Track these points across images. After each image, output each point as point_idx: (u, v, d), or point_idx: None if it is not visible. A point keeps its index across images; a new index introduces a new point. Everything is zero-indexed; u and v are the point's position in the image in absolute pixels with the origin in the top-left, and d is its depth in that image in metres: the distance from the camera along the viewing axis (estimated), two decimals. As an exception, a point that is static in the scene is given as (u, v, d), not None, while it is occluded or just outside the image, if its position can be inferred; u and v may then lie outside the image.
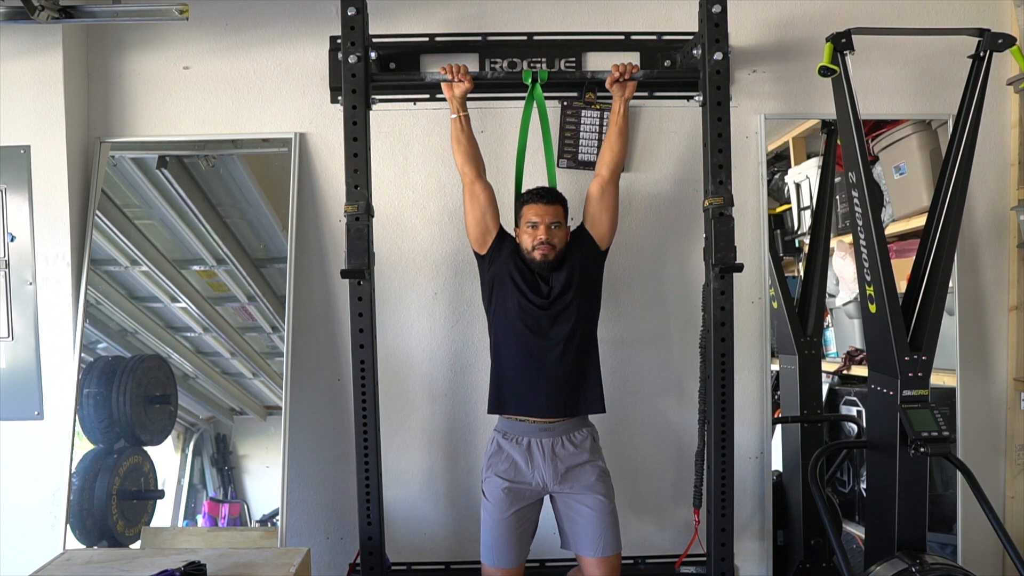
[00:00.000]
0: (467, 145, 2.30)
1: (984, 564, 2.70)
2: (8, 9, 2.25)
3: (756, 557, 2.73)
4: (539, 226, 2.23)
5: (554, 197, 2.30)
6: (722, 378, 2.31)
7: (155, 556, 2.22)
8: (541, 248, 2.22)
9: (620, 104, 2.31)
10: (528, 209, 2.27)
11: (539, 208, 2.25)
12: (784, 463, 2.80)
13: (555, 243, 2.24)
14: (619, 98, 2.31)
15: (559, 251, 2.25)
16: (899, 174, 2.81)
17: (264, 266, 2.64)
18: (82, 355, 2.54)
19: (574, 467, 2.21)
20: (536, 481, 2.21)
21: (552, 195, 2.30)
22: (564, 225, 2.29)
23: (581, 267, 2.27)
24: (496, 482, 2.21)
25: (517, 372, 2.22)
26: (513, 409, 2.24)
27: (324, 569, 2.69)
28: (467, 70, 2.27)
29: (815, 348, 2.75)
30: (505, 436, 2.25)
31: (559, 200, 2.30)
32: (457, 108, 2.29)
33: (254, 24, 2.67)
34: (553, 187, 2.39)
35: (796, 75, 2.67)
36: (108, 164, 2.65)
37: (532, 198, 2.28)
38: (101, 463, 2.51)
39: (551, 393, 2.20)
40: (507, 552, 2.20)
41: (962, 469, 2.15)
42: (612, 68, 2.29)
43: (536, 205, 2.26)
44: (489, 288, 2.30)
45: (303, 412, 2.66)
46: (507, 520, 2.19)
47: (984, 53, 2.17)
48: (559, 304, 2.23)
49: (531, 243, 2.24)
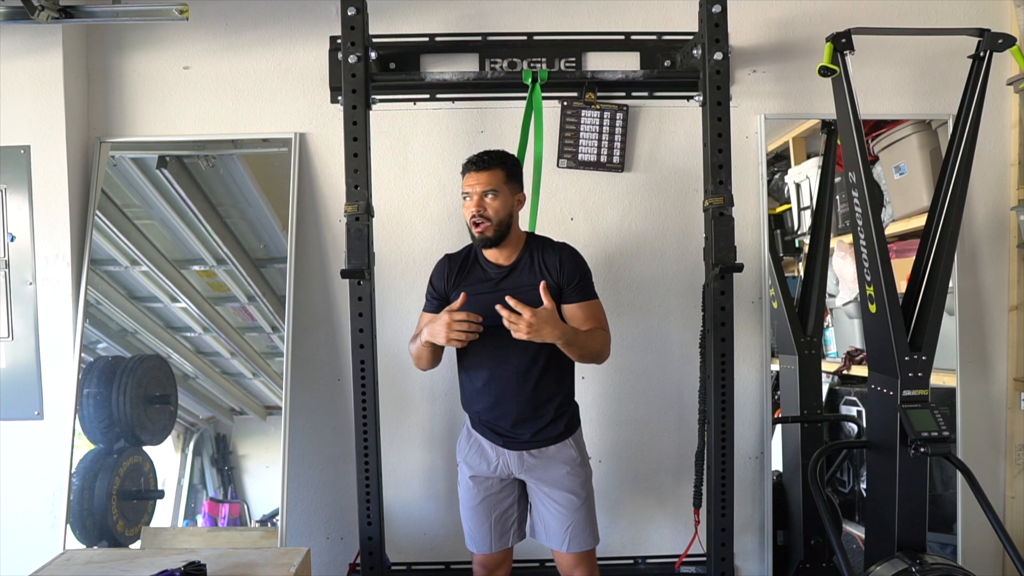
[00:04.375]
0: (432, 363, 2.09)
1: (984, 564, 2.70)
2: (8, 9, 2.25)
3: (756, 557, 2.73)
4: (472, 196, 1.98)
5: (488, 162, 1.99)
6: (722, 378, 2.31)
7: (155, 556, 2.22)
8: (476, 224, 1.97)
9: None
10: (464, 181, 2.03)
11: (471, 177, 1.99)
12: (784, 463, 2.80)
13: (489, 215, 1.97)
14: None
15: (498, 223, 1.97)
16: (899, 174, 2.81)
17: (264, 266, 2.64)
18: (82, 355, 2.54)
19: (543, 458, 2.07)
20: (501, 468, 2.08)
21: (485, 160, 2.00)
22: (504, 194, 1.99)
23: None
24: (464, 470, 2.15)
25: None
26: None
27: (324, 569, 2.69)
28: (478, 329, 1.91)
29: (815, 348, 2.75)
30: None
31: (496, 163, 2.00)
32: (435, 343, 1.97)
33: (254, 24, 2.67)
34: (496, 151, 2.06)
35: (796, 75, 2.67)
36: (108, 164, 2.65)
37: (466, 166, 2.04)
38: (101, 463, 2.51)
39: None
40: (483, 539, 2.13)
41: (962, 469, 2.15)
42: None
43: (469, 174, 2.01)
44: None
45: (303, 412, 2.66)
46: (477, 508, 2.12)
47: (984, 53, 2.17)
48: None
49: (468, 216, 2.00)
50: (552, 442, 2.07)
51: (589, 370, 2.66)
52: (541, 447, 2.06)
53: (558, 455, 2.07)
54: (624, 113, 2.65)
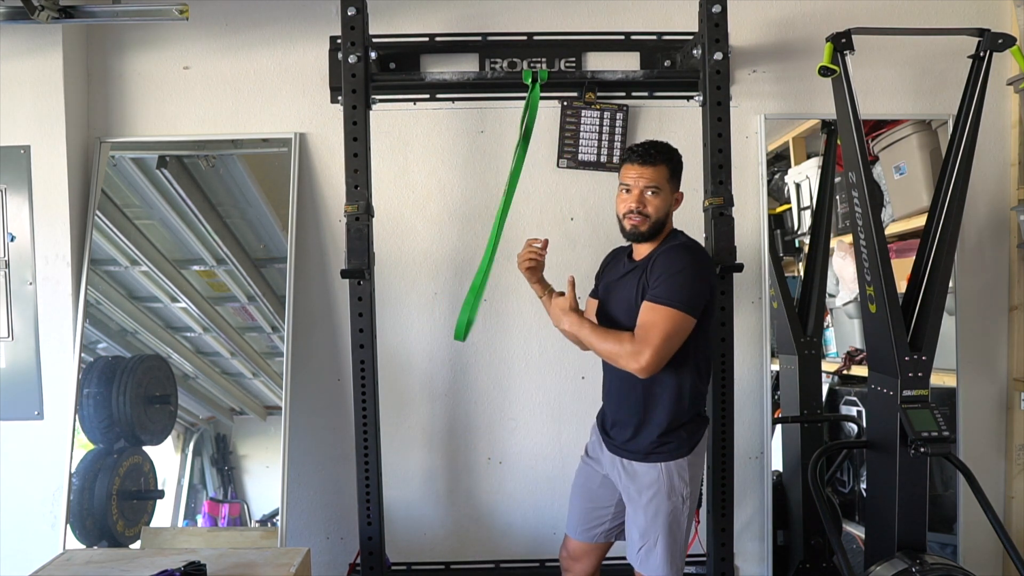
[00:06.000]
0: None
1: (984, 564, 2.70)
2: (8, 9, 2.25)
3: (756, 557, 2.73)
4: (632, 190, 1.93)
5: (655, 156, 1.92)
6: (722, 378, 2.31)
7: (155, 556, 2.22)
8: (631, 217, 1.93)
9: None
10: (624, 170, 1.97)
11: (634, 169, 1.92)
12: (784, 463, 2.80)
13: (649, 212, 1.91)
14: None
15: (655, 221, 1.92)
16: (899, 174, 2.81)
17: (264, 266, 2.64)
18: (82, 355, 2.54)
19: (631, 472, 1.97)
20: (606, 464, 2.05)
21: (652, 154, 1.92)
22: (665, 192, 1.93)
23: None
24: (586, 449, 2.19)
25: None
26: None
27: (324, 569, 2.69)
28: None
29: (815, 348, 2.75)
30: None
31: (662, 159, 1.93)
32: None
33: (254, 24, 2.67)
34: (663, 145, 1.97)
35: (796, 75, 2.67)
36: (108, 164, 2.65)
37: (630, 156, 1.95)
38: (101, 463, 2.51)
39: None
40: (571, 520, 2.17)
41: (962, 469, 2.15)
42: None
43: (633, 165, 1.93)
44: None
45: (303, 412, 2.66)
46: (576, 488, 2.18)
47: (984, 53, 2.17)
48: None
49: (623, 210, 1.95)
50: (639, 458, 1.94)
51: (589, 370, 2.66)
52: (630, 459, 1.96)
53: (645, 475, 1.93)
54: (624, 113, 2.65)
